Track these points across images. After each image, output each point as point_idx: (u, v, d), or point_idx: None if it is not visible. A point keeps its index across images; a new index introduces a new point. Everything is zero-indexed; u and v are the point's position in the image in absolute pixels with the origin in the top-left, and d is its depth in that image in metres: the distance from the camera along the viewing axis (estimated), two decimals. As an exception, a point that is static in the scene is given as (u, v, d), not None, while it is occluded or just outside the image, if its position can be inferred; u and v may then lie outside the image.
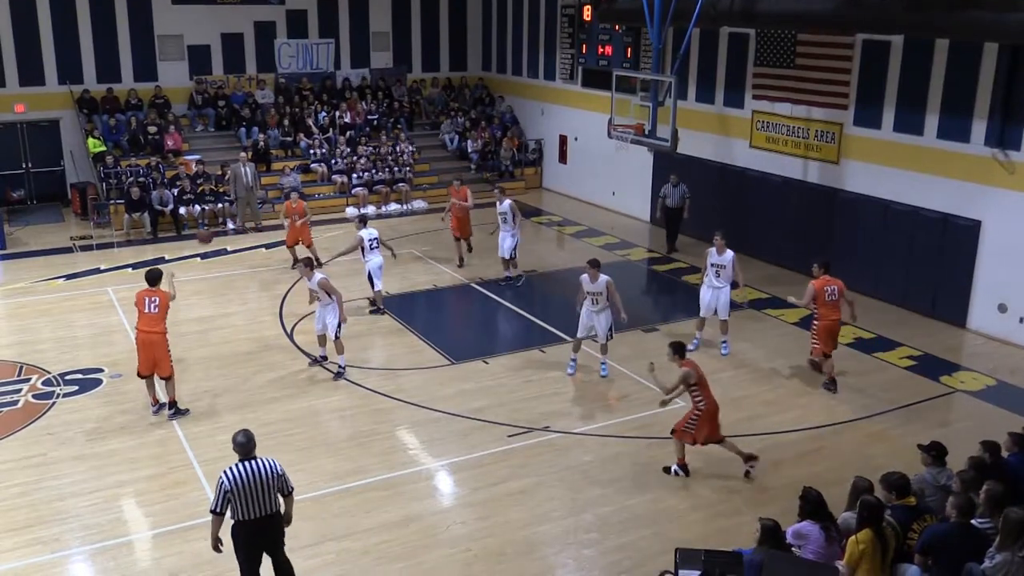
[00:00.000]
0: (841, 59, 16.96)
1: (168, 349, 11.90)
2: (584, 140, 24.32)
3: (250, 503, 7.52)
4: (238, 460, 7.61)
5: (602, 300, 12.99)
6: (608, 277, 13.03)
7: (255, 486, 7.50)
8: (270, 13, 25.34)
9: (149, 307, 11.74)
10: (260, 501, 7.56)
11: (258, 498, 7.54)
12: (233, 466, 7.57)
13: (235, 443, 7.65)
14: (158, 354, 11.78)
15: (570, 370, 13.47)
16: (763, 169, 18.98)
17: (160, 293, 11.83)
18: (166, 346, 11.85)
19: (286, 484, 7.76)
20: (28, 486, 10.28)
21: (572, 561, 9.12)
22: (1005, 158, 14.52)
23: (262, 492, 7.55)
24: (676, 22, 16.82)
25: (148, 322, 11.74)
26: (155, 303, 11.73)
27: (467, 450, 11.25)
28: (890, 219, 16.37)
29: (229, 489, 7.47)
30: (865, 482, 7.93)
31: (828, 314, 12.95)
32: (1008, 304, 14.75)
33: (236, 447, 7.64)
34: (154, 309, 11.72)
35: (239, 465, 7.55)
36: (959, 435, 10.92)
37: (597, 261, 13.25)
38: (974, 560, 7.08)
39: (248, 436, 7.68)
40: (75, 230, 21.33)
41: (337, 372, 13.32)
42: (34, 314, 15.88)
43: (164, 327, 11.83)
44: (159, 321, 11.75)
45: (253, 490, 7.51)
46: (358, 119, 25.46)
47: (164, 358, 11.81)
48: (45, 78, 23.08)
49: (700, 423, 10.45)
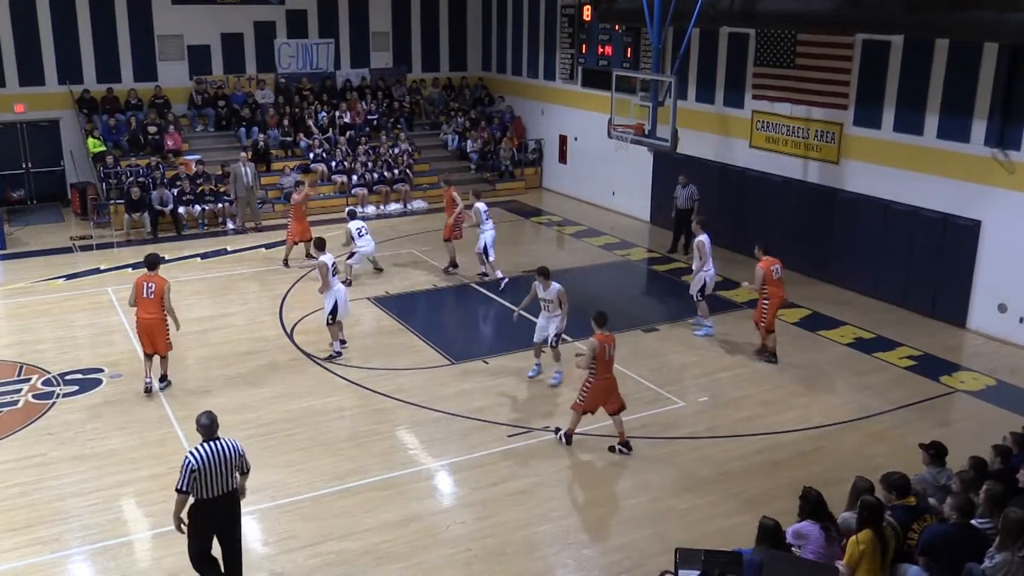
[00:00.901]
0: (841, 59, 16.97)
1: (167, 330, 12.46)
2: (584, 140, 24.32)
3: (212, 482, 7.83)
4: (202, 441, 7.91)
5: (553, 307, 12.93)
6: (559, 286, 12.96)
7: (218, 465, 7.82)
8: (270, 13, 25.34)
9: (146, 292, 12.28)
10: (221, 479, 7.88)
11: (220, 476, 7.86)
12: (198, 446, 7.86)
13: (199, 424, 7.98)
14: (156, 336, 12.38)
15: (531, 373, 13.36)
16: (763, 169, 18.98)
17: (157, 279, 12.37)
18: (164, 328, 12.43)
19: (245, 463, 8.13)
20: (28, 486, 10.28)
21: (572, 561, 9.12)
22: (1005, 158, 14.53)
23: (224, 471, 7.88)
24: (676, 22, 16.81)
25: (146, 307, 12.33)
26: (151, 289, 12.27)
27: (467, 450, 11.25)
28: (890, 219, 16.37)
29: (196, 468, 7.75)
30: (865, 482, 7.93)
31: (777, 291, 13.76)
32: (1008, 304, 14.75)
33: (200, 428, 7.96)
34: (150, 294, 12.26)
35: (204, 445, 7.86)
36: (959, 435, 10.94)
37: (546, 269, 13.10)
38: (974, 560, 7.08)
39: (211, 417, 8.03)
40: (75, 230, 21.33)
41: (331, 355, 13.83)
42: (34, 314, 15.88)
43: (162, 311, 12.28)
44: (156, 306, 12.26)
45: (216, 468, 7.82)
46: (358, 119, 25.46)
47: (162, 339, 12.45)
48: (45, 78, 23.07)
49: (591, 394, 10.95)
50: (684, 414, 12.29)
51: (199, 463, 7.74)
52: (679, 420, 12.11)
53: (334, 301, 13.71)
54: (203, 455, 7.77)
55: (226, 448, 7.90)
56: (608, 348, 10.95)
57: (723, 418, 12.19)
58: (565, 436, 11.29)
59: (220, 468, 7.82)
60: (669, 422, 12.07)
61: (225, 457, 7.85)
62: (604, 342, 10.89)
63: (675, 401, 12.67)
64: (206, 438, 7.90)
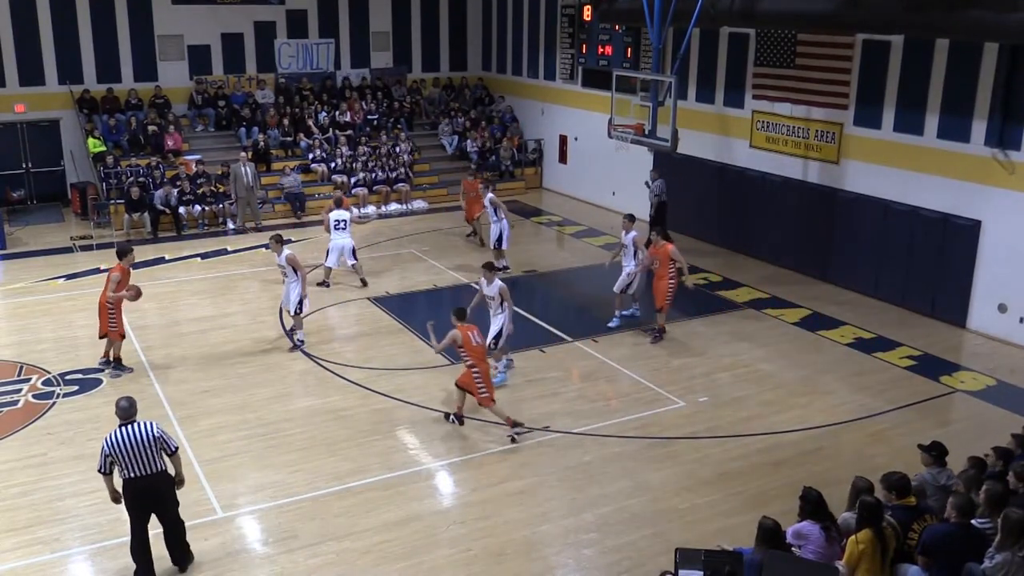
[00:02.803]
0: (841, 59, 16.97)
1: (107, 314, 13.02)
2: (584, 140, 24.32)
3: (133, 463, 8.16)
4: (119, 424, 8.22)
5: (495, 304, 12.93)
6: (503, 283, 13.01)
7: (133, 447, 8.13)
8: (270, 13, 25.34)
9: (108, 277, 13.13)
10: (142, 461, 8.17)
11: (140, 458, 8.16)
12: (114, 431, 8.21)
13: (117, 407, 8.33)
14: (100, 317, 13.14)
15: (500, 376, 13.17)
16: (763, 169, 18.98)
17: (117, 268, 13.08)
18: (106, 312, 13.02)
19: (167, 444, 8.34)
20: (28, 486, 10.29)
21: (572, 561, 9.12)
22: (1005, 158, 14.52)
23: (143, 453, 8.16)
24: (676, 22, 16.81)
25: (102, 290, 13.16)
26: (107, 274, 13.22)
27: (467, 450, 11.25)
28: (890, 219, 16.37)
29: (108, 452, 8.16)
30: (865, 482, 7.93)
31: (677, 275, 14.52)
32: (1008, 304, 14.74)
33: (117, 411, 8.31)
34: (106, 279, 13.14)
35: (119, 429, 8.20)
36: (959, 435, 10.94)
37: (492, 264, 13.38)
38: (974, 560, 7.08)
39: (130, 401, 8.40)
40: (75, 230, 21.32)
41: (294, 346, 14.07)
42: (34, 314, 15.88)
43: (107, 296, 12.93)
44: (104, 290, 13.00)
45: (133, 451, 8.13)
46: (358, 119, 25.46)
47: (103, 321, 13.12)
48: (45, 78, 23.08)
49: (485, 382, 11.41)
50: (684, 414, 12.29)
51: (110, 447, 8.14)
52: (679, 420, 12.11)
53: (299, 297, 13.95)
54: (117, 439, 8.12)
55: (141, 431, 8.17)
56: (473, 336, 11.38)
57: (723, 418, 12.18)
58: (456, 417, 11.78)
59: (136, 449, 8.13)
60: (669, 422, 12.07)
61: (139, 439, 8.14)
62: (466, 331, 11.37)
63: (675, 401, 12.67)
64: (123, 421, 8.23)
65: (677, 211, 20.08)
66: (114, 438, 8.14)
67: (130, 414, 8.28)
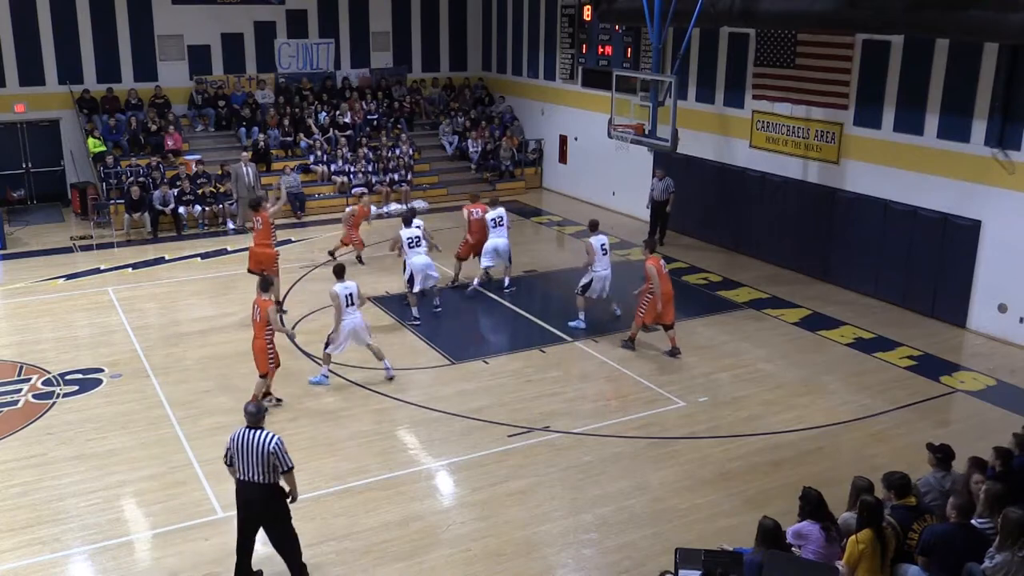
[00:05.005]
0: (841, 59, 16.97)
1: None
2: (584, 140, 24.32)
3: (243, 466, 8.21)
4: (246, 426, 8.27)
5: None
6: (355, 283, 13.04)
7: (245, 451, 8.17)
8: (270, 13, 25.34)
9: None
10: (250, 467, 8.18)
11: (249, 464, 8.18)
12: (240, 429, 8.28)
13: (244, 411, 8.41)
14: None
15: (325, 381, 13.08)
16: (763, 169, 18.98)
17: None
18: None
19: (280, 461, 8.21)
20: (28, 486, 10.28)
21: (572, 561, 9.12)
22: (1005, 158, 14.52)
23: (253, 461, 8.16)
24: (676, 22, 16.80)
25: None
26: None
27: (467, 450, 11.25)
28: (890, 219, 16.37)
29: (229, 446, 8.27)
30: (865, 482, 7.92)
31: (665, 287, 13.98)
32: (1008, 304, 14.74)
33: (245, 415, 8.38)
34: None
35: (244, 430, 8.26)
36: (959, 435, 10.93)
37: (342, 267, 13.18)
38: (974, 560, 7.08)
39: (258, 408, 8.46)
40: (75, 230, 21.32)
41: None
42: (34, 314, 15.88)
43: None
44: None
45: (245, 455, 8.17)
46: (358, 119, 25.47)
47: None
48: (45, 78, 23.07)
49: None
50: (684, 414, 12.29)
51: (231, 441, 8.23)
52: (679, 420, 12.11)
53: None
54: (238, 438, 8.21)
55: (257, 439, 8.15)
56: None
57: (723, 418, 12.19)
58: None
59: (248, 455, 8.14)
60: (669, 422, 12.07)
61: (254, 447, 8.13)
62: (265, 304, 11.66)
63: (675, 401, 12.67)
64: (248, 425, 8.28)
65: (677, 211, 20.12)
66: (236, 436, 8.23)
67: (256, 420, 8.30)
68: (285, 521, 8.43)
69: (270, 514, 8.34)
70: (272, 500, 8.30)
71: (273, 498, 8.30)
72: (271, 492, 8.26)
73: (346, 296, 12.75)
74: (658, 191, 19.79)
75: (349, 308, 12.78)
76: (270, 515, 8.35)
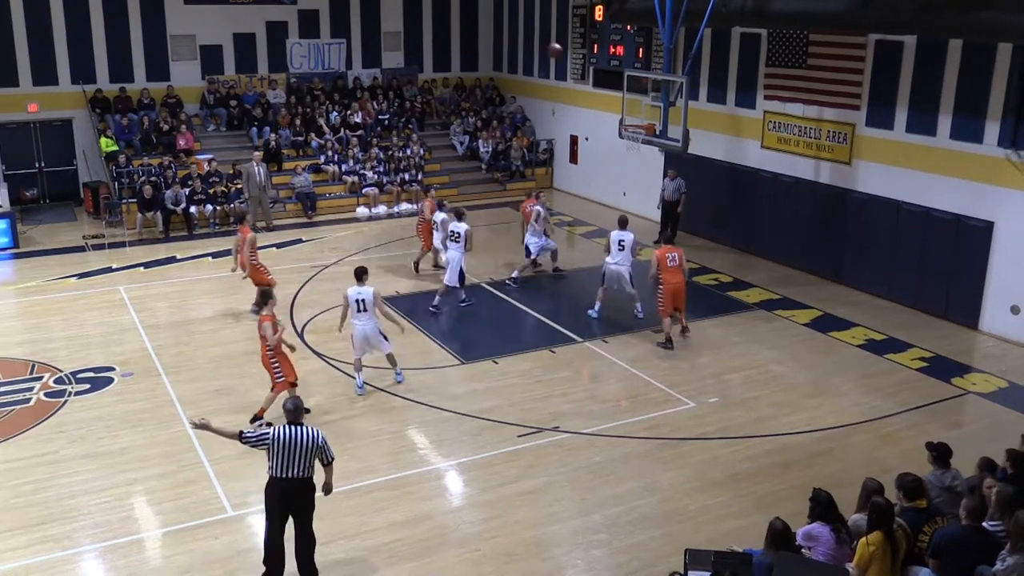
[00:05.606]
0: (854, 59, 16.90)
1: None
2: (595, 140, 24.30)
3: (285, 463, 8.15)
4: (286, 422, 8.29)
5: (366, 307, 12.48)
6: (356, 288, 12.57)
7: (291, 448, 8.13)
8: (282, 13, 25.40)
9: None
10: (294, 464, 8.15)
11: (293, 460, 8.15)
12: (282, 425, 8.27)
13: (284, 408, 8.52)
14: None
15: (359, 390, 12.79)
16: (775, 170, 18.92)
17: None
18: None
19: (326, 454, 8.36)
20: (40, 484, 10.34)
21: (581, 561, 9.11)
22: (1018, 159, 14.44)
23: (299, 456, 8.15)
24: (688, 22, 16.78)
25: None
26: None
27: (477, 450, 11.25)
28: (902, 220, 16.30)
29: (269, 442, 8.15)
30: (875, 483, 7.88)
31: (670, 278, 14.19)
32: (1021, 306, 14.66)
33: (285, 412, 8.46)
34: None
35: (286, 426, 8.24)
36: (971, 437, 10.90)
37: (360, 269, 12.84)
38: (985, 563, 7.04)
39: (295, 404, 8.50)
40: (87, 229, 21.42)
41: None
42: (46, 313, 15.95)
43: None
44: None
45: (290, 451, 8.13)
46: (369, 119, 25.50)
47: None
48: (58, 78, 23.17)
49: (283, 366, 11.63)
50: (694, 415, 12.27)
51: (273, 438, 8.14)
52: (689, 421, 12.09)
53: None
54: (282, 434, 8.14)
55: (305, 435, 8.17)
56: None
57: (734, 419, 12.16)
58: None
59: (294, 451, 8.13)
60: (679, 423, 12.05)
61: (301, 441, 8.13)
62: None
63: (685, 402, 12.65)
64: (289, 422, 8.29)
65: (688, 211, 20.07)
66: (280, 432, 8.18)
67: (296, 417, 8.34)
68: (310, 511, 8.53)
69: (304, 503, 8.41)
70: (309, 492, 8.42)
71: (310, 490, 8.42)
72: (308, 485, 8.38)
73: (357, 301, 12.45)
74: (669, 191, 19.79)
75: (360, 314, 12.51)
76: (304, 505, 8.42)
